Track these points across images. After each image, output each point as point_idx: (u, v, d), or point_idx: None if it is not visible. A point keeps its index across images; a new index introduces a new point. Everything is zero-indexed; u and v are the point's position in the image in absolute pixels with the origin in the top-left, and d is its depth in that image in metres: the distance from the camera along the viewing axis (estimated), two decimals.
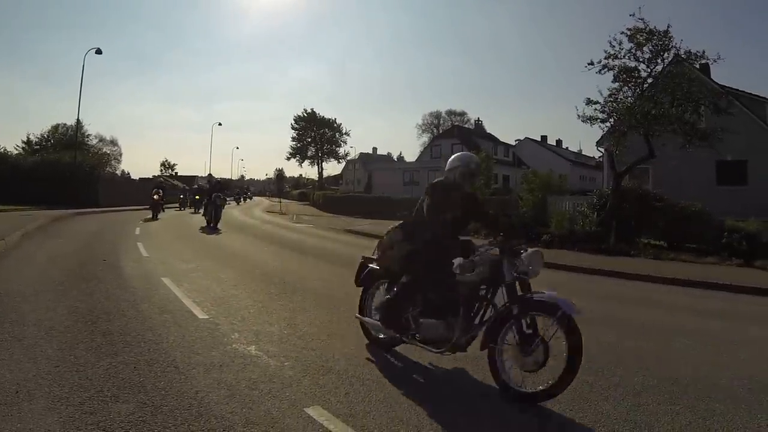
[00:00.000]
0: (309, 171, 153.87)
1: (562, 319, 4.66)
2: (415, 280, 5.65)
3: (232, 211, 44.94)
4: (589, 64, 19.02)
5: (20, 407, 4.16)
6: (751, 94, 27.99)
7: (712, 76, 23.90)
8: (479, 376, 5.46)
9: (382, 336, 6.20)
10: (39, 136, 67.90)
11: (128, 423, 3.98)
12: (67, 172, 37.22)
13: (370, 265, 6.47)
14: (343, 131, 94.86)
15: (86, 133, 71.55)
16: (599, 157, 34.92)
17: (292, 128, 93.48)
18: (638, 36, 18.21)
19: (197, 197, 40.18)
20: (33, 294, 8.39)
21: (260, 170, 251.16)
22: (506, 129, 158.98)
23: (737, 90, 26.39)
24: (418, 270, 5.58)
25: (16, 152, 51.61)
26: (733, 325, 8.67)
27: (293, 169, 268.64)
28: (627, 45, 18.48)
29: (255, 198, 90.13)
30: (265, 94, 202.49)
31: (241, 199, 68.20)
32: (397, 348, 6.14)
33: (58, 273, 10.35)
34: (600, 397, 4.98)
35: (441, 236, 5.56)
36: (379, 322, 5.99)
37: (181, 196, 45.35)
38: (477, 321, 5.31)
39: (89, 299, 8.22)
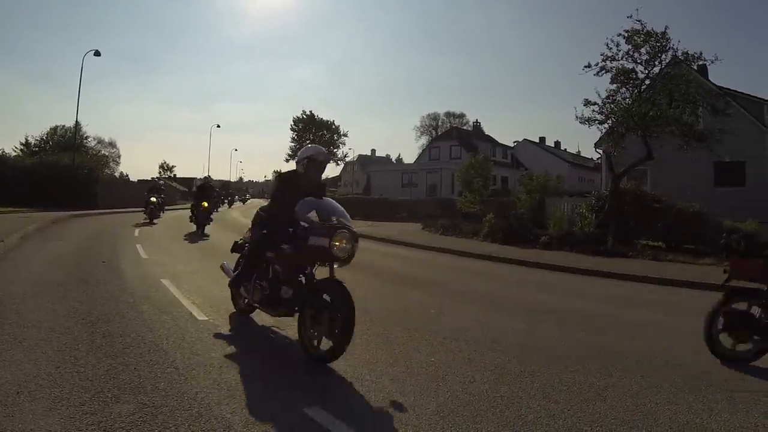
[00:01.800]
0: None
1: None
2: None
3: (231, 212, 44.99)
4: (586, 66, 19.09)
5: (21, 408, 4.18)
6: (748, 95, 28.04)
7: (709, 78, 23.95)
8: (473, 375, 5.49)
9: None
10: (38, 138, 67.84)
11: (129, 424, 4.00)
12: (66, 174, 37.20)
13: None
14: (342, 133, 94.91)
15: (85, 135, 71.47)
16: (597, 158, 35.03)
17: (291, 130, 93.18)
18: (636, 37, 18.26)
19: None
20: (33, 296, 8.41)
21: (259, 172, 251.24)
22: (505, 131, 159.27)
23: (735, 91, 26.46)
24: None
25: (15, 154, 51.58)
26: None
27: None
28: (624, 47, 18.56)
29: (253, 200, 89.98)
30: (264, 96, 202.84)
31: (237, 202, 65.88)
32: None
33: (58, 275, 10.36)
34: (597, 398, 5.01)
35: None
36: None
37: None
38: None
39: (89, 301, 8.23)
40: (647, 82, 18.86)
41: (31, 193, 33.22)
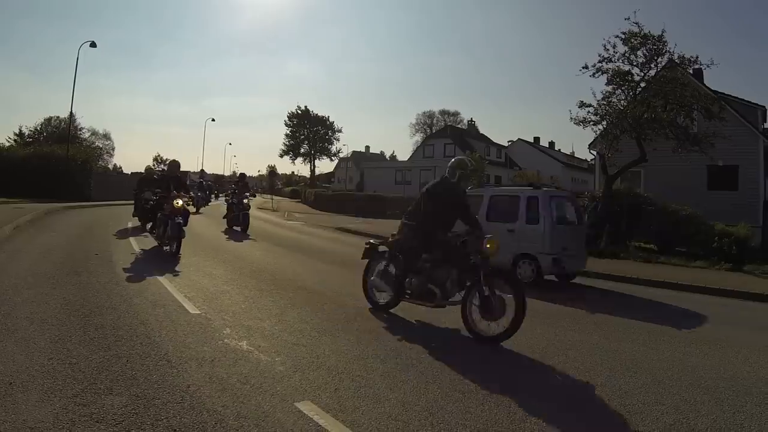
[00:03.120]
0: (302, 168, 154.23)
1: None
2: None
3: (223, 207, 44.90)
4: (583, 67, 19.19)
5: (14, 399, 4.20)
6: (743, 100, 28.13)
7: (705, 82, 24.04)
8: (464, 373, 5.53)
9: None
10: (31, 129, 67.73)
11: (121, 415, 4.03)
12: (60, 165, 37.01)
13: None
14: (336, 129, 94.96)
15: (79, 127, 71.42)
16: (591, 159, 35.14)
17: (286, 125, 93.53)
18: (633, 40, 18.38)
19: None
20: (25, 287, 8.40)
21: (253, 167, 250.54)
22: (499, 130, 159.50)
23: (729, 96, 26.53)
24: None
25: (8, 144, 51.39)
26: (719, 329, 8.79)
27: (286, 166, 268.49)
28: (621, 49, 18.66)
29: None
30: (259, 90, 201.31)
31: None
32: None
33: (51, 267, 10.35)
34: (586, 397, 5.07)
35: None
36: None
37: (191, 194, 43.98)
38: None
39: (82, 293, 8.24)
40: (643, 84, 18.96)
41: (24, 184, 33.03)
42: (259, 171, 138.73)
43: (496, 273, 7.01)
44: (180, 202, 13.11)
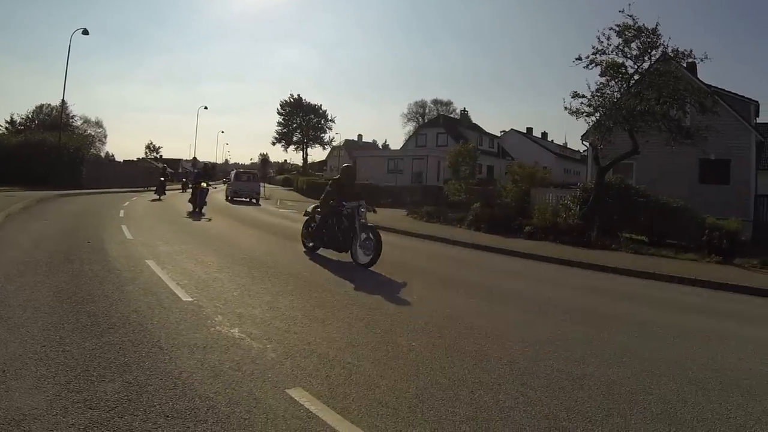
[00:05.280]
0: (294, 156, 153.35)
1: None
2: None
3: (216, 195, 44.83)
4: (576, 59, 19.17)
5: (8, 386, 4.22)
6: (736, 94, 28.17)
7: (698, 76, 24.09)
8: (454, 361, 5.59)
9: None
10: (23, 117, 67.46)
11: (114, 402, 4.06)
12: (52, 153, 36.90)
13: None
14: (329, 117, 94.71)
15: (71, 114, 71.14)
16: (584, 150, 35.23)
17: (278, 113, 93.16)
18: (627, 32, 18.36)
19: (184, 180, 44.02)
20: (17, 275, 8.39)
21: (245, 154, 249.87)
22: (492, 120, 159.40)
23: (723, 90, 26.57)
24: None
25: (0, 132, 51.12)
26: (708, 320, 8.88)
27: (278, 154, 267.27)
28: (615, 41, 18.64)
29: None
30: (252, 78, 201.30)
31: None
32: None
33: (43, 254, 10.34)
34: (575, 386, 5.12)
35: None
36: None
37: (183, 179, 47.04)
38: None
39: (74, 281, 8.24)
40: (636, 77, 18.98)
41: (16, 172, 32.94)
42: (251, 159, 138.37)
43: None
44: (204, 184, 23.41)
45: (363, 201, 12.14)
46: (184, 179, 46.70)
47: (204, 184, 23.64)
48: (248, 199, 36.32)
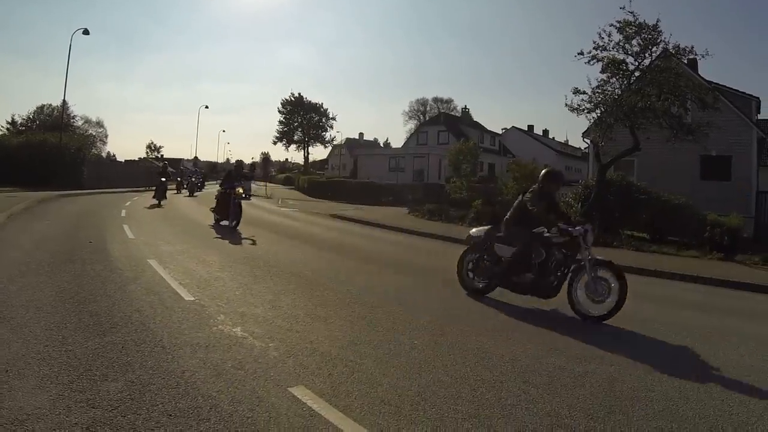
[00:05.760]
0: (295, 155, 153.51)
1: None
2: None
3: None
4: (578, 54, 19.14)
5: (11, 386, 4.23)
6: (737, 90, 28.13)
7: (699, 72, 24.04)
8: (455, 359, 5.60)
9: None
10: (24, 117, 67.56)
11: (117, 401, 4.07)
12: (53, 153, 36.85)
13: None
14: (330, 116, 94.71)
15: (72, 114, 71.19)
16: (585, 148, 35.10)
17: (279, 112, 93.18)
18: (627, 29, 18.32)
19: (179, 179, 40.98)
20: (20, 275, 8.41)
21: (246, 154, 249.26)
22: (493, 118, 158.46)
23: (724, 86, 26.51)
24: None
25: (1, 133, 51.19)
26: (709, 317, 8.88)
27: (279, 153, 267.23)
28: (616, 37, 18.59)
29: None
30: (252, 76, 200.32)
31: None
32: None
33: (45, 254, 10.35)
34: (576, 383, 5.13)
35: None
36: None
37: (179, 179, 42.15)
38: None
39: (76, 280, 8.27)
40: (637, 73, 18.94)
41: (18, 172, 32.85)
42: (252, 158, 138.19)
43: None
44: (240, 191, 17.27)
45: (589, 225, 8.50)
46: (179, 178, 42.35)
47: (240, 191, 17.17)
48: (245, 197, 36.43)
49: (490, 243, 8.93)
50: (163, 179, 27.70)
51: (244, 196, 17.40)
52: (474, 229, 9.71)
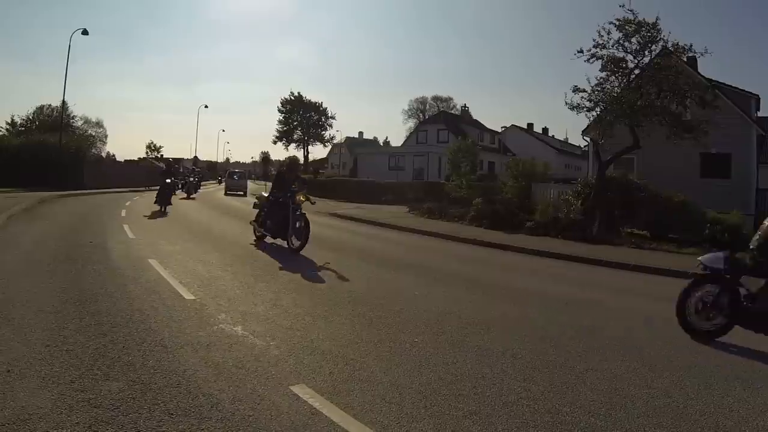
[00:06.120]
0: (295, 154, 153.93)
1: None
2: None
3: (217, 192, 45.01)
4: (578, 51, 19.15)
5: (12, 386, 4.24)
6: (736, 88, 28.12)
7: (698, 70, 24.05)
8: (457, 356, 5.60)
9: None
10: (24, 118, 67.45)
11: (118, 400, 4.08)
12: (53, 153, 36.86)
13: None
14: (329, 115, 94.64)
15: (71, 115, 71.11)
16: (585, 146, 35.15)
17: (279, 111, 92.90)
18: (627, 27, 18.32)
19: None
20: (21, 275, 8.42)
21: (246, 153, 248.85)
22: (493, 116, 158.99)
23: (723, 84, 26.50)
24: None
25: (0, 134, 51.12)
26: None
27: (279, 152, 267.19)
28: (615, 35, 18.60)
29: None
30: (252, 76, 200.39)
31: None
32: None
33: (45, 255, 10.37)
34: (577, 380, 5.13)
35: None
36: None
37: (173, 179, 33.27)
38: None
39: (77, 280, 8.28)
40: (636, 71, 18.96)
41: (18, 173, 32.86)
42: (252, 158, 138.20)
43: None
44: (301, 197, 13.08)
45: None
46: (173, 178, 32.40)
47: (303, 198, 13.02)
48: (241, 193, 44.54)
49: (734, 275, 7.13)
50: (168, 180, 23.05)
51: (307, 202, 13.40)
52: (706, 256, 7.83)
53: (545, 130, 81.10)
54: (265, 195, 14.52)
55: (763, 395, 5.01)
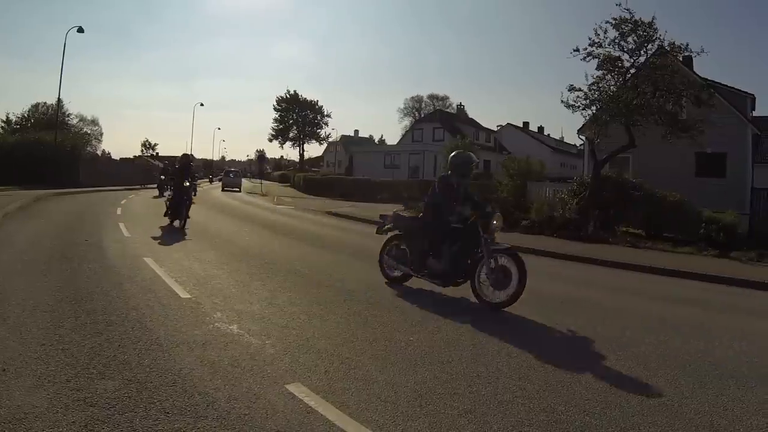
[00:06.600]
0: (290, 152, 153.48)
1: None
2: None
3: (213, 191, 44.91)
4: (574, 50, 19.15)
5: (8, 385, 4.23)
6: (732, 87, 28.18)
7: (694, 69, 24.08)
8: (452, 355, 5.61)
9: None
10: (19, 116, 67.29)
11: (114, 399, 4.07)
12: (48, 152, 36.82)
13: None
14: (325, 113, 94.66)
15: (67, 113, 70.97)
16: (580, 144, 35.21)
17: (275, 109, 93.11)
18: (623, 26, 18.34)
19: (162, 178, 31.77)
20: (16, 274, 8.41)
21: (242, 151, 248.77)
22: (488, 115, 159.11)
23: (719, 83, 26.53)
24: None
25: None
26: (704, 313, 8.91)
27: (275, 150, 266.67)
28: (612, 34, 18.62)
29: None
30: (247, 73, 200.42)
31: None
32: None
33: (41, 253, 10.35)
34: (573, 379, 5.14)
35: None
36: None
37: (162, 177, 32.25)
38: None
39: (72, 279, 8.27)
40: (632, 70, 18.99)
41: (13, 171, 32.81)
42: (248, 155, 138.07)
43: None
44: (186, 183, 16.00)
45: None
46: (162, 176, 32.62)
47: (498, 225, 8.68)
48: (237, 189, 49.82)
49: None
50: (188, 182, 16.34)
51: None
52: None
53: (541, 128, 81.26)
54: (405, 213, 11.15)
55: (758, 394, 5.02)
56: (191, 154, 23.39)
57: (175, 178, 16.88)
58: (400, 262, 9.09)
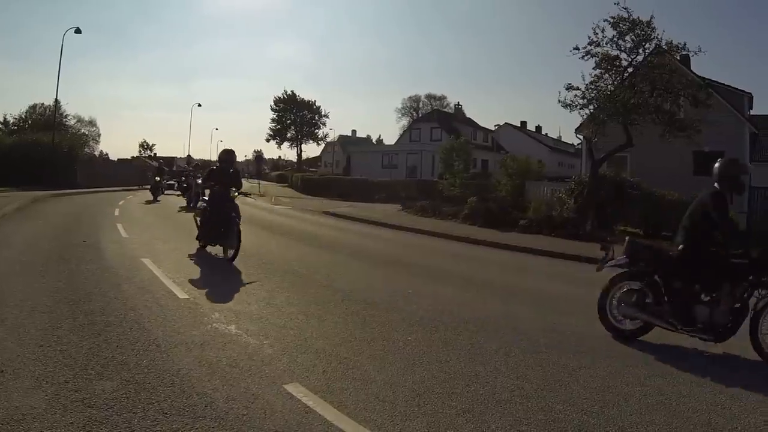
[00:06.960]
0: (288, 153, 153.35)
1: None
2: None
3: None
4: (574, 48, 19.17)
5: (6, 386, 4.24)
6: (729, 86, 28.22)
7: (692, 68, 24.10)
8: (450, 355, 5.62)
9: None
10: (16, 117, 67.26)
11: (112, 400, 4.08)
12: (45, 153, 36.77)
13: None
14: (323, 113, 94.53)
15: (64, 114, 70.88)
16: (578, 144, 35.26)
17: (272, 110, 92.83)
18: (621, 25, 18.36)
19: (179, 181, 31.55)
20: (14, 275, 8.41)
21: (239, 151, 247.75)
22: (486, 114, 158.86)
23: (716, 82, 26.56)
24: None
25: None
26: None
27: (272, 150, 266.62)
28: (610, 33, 18.63)
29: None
30: (245, 73, 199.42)
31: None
32: None
33: (39, 254, 10.34)
34: (571, 378, 5.15)
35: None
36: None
37: (157, 178, 31.55)
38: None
39: (70, 280, 8.27)
40: (630, 69, 19.00)
41: (10, 172, 32.74)
42: (245, 156, 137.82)
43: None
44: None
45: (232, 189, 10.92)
46: (175, 180, 33.87)
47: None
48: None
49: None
50: (235, 191, 11.72)
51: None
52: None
53: (538, 128, 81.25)
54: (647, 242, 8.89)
55: (755, 394, 5.03)
56: (189, 155, 22.60)
57: (215, 183, 11.77)
58: (641, 310, 6.70)
